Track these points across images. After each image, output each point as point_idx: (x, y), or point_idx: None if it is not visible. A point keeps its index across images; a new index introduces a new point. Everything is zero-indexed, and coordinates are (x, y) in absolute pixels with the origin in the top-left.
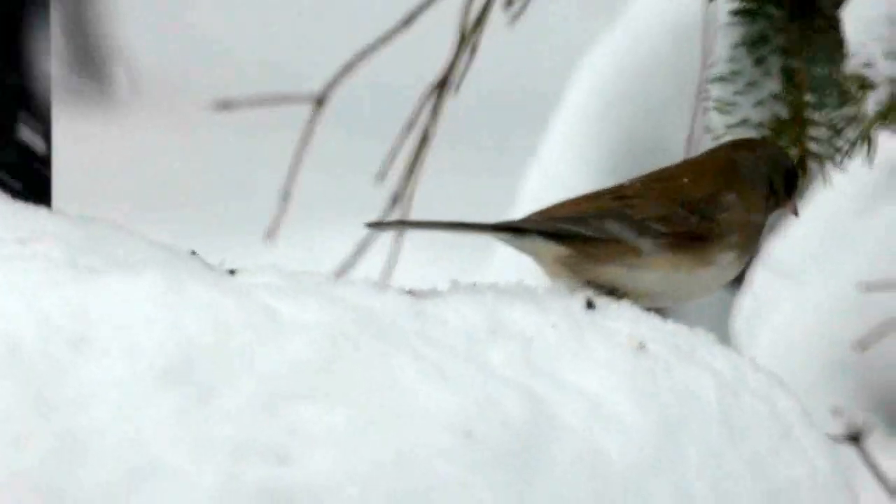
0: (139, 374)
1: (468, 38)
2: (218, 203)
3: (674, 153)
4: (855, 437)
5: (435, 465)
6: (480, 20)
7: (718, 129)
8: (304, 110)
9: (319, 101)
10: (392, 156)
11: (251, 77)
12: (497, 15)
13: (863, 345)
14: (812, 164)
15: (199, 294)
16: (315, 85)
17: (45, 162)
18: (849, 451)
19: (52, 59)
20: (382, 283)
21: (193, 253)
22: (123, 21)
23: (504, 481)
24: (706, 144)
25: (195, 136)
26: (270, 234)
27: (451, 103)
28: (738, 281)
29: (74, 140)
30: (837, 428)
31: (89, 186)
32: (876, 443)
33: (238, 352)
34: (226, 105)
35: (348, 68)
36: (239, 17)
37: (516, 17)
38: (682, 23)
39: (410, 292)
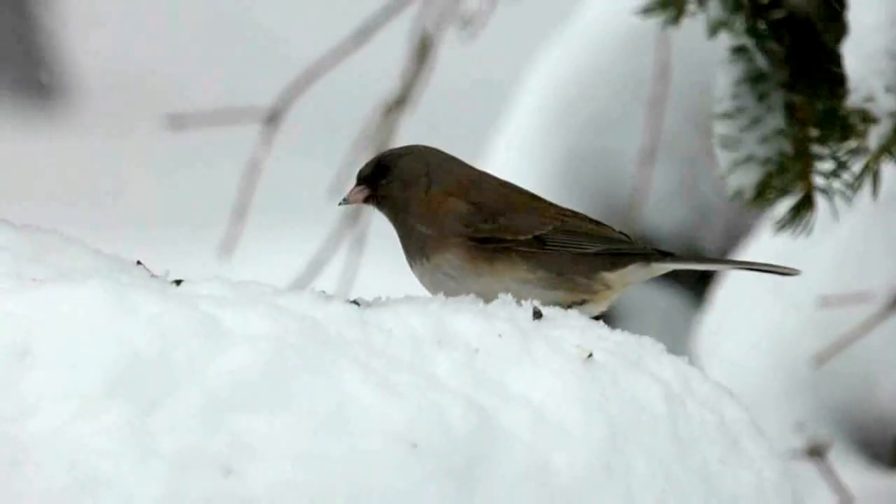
0: (83, 385)
1: (422, 61)
2: (170, 219)
3: (625, 161)
4: (816, 452)
5: (380, 476)
6: (432, 41)
7: (723, 166)
8: (258, 125)
9: (272, 119)
10: (346, 171)
11: (203, 90)
12: (448, 26)
13: (820, 359)
14: (817, 199)
15: (144, 304)
16: (269, 99)
17: None
18: (810, 467)
19: None
20: (327, 294)
21: (139, 263)
22: (71, 31)
23: (449, 492)
24: (661, 155)
25: (146, 150)
26: (225, 249)
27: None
28: (700, 297)
29: (18, 150)
30: (799, 443)
31: (32, 197)
32: (836, 458)
33: (182, 363)
34: (178, 121)
35: (300, 85)
36: (190, 29)
37: (470, 36)
38: (635, 31)
39: (355, 302)
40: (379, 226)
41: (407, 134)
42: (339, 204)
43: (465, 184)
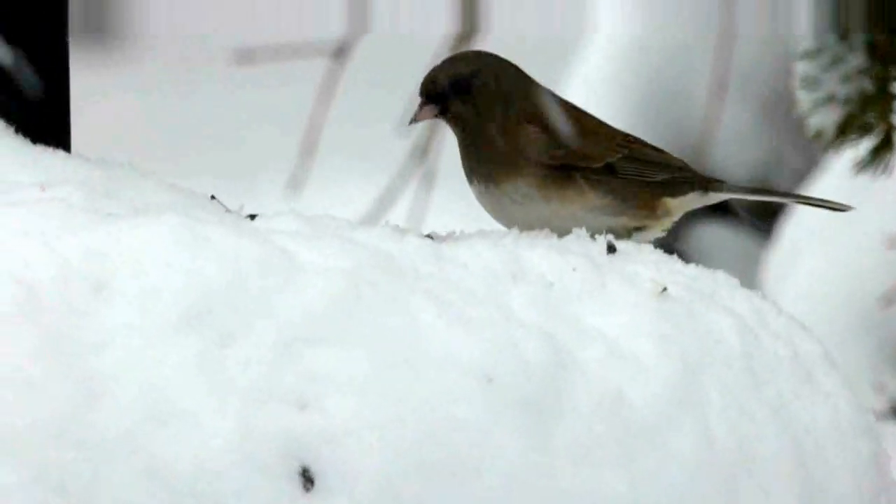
0: (158, 318)
1: None
2: (238, 155)
3: (699, 101)
4: (882, 389)
5: (456, 409)
6: None
7: (805, 106)
8: (325, 59)
9: (339, 53)
10: (413, 107)
11: (268, 25)
12: None
13: (889, 299)
14: None
15: (218, 238)
16: (336, 33)
17: (63, 105)
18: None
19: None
20: (401, 228)
21: (213, 198)
22: None
23: (525, 426)
24: (732, 90)
25: (213, 86)
26: (293, 185)
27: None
28: (767, 233)
29: (88, 88)
30: (880, 403)
31: (105, 136)
32: None
33: (257, 296)
34: (246, 57)
35: (369, 19)
36: None
37: None
38: None
39: (430, 236)
40: (448, 161)
41: None
42: (410, 123)
43: (540, 108)
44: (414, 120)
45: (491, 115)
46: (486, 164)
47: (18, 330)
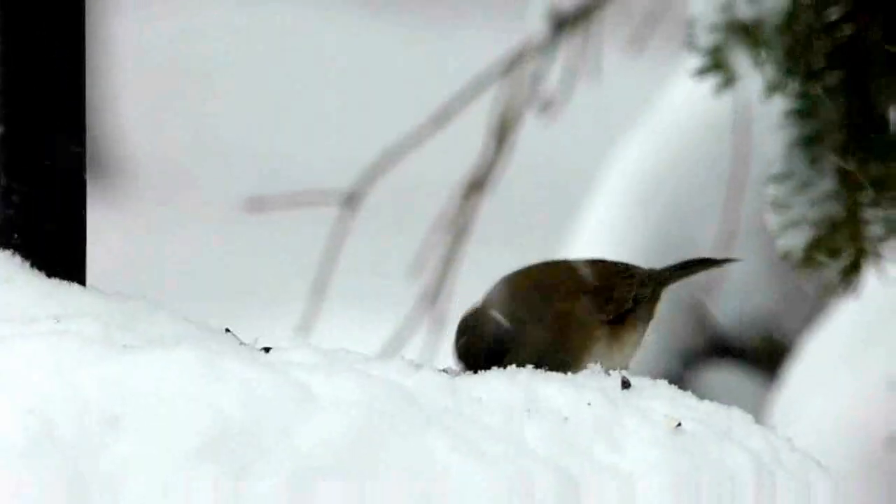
0: (174, 451)
1: (501, 143)
2: (246, 300)
3: (704, 247)
4: None
5: None
6: (512, 124)
7: (774, 228)
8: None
9: (350, 201)
10: (425, 252)
11: (272, 173)
12: (528, 108)
13: (893, 442)
14: (866, 262)
15: (234, 370)
16: (343, 181)
17: (79, 238)
18: None
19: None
20: (416, 362)
21: (227, 330)
22: (134, 109)
23: None
24: (742, 240)
25: (224, 232)
26: (303, 328)
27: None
28: (772, 377)
29: (94, 232)
30: None
31: (113, 274)
32: None
33: (273, 429)
34: (258, 204)
35: (379, 166)
36: (263, 112)
37: (550, 119)
38: (714, 117)
39: (445, 371)
40: (458, 307)
41: (486, 218)
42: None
43: (574, 280)
44: None
45: (539, 333)
46: (554, 363)
47: (33, 463)
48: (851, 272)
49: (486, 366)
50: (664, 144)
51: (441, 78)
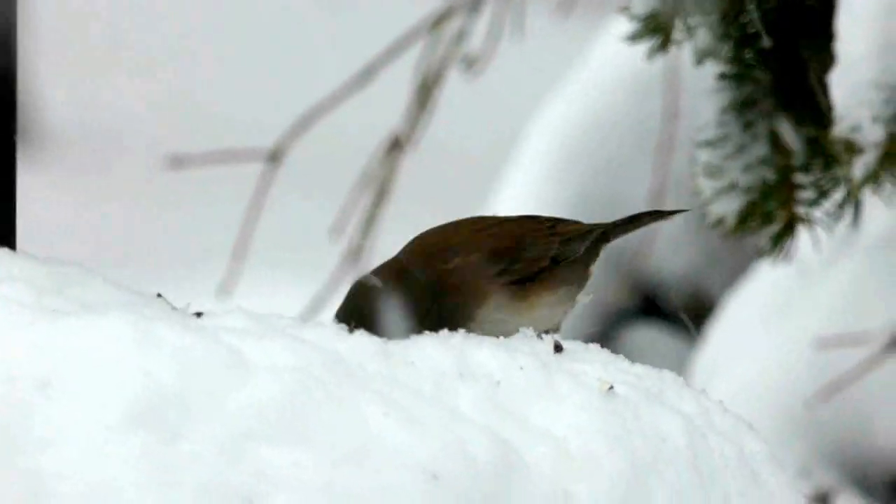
0: (104, 416)
1: (424, 102)
2: (169, 260)
3: (635, 205)
4: (822, 499)
5: None
6: (436, 82)
7: (706, 194)
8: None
9: (274, 158)
10: (347, 211)
11: (204, 133)
12: (452, 67)
13: (817, 401)
14: (799, 227)
15: (166, 336)
16: (269, 138)
17: (9, 203)
18: None
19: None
20: (349, 327)
21: (159, 296)
22: (56, 74)
23: None
24: (670, 199)
25: (146, 191)
26: (225, 289)
27: (405, 157)
28: (696, 333)
29: (24, 198)
30: (804, 490)
31: (40, 238)
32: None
33: (205, 394)
34: (180, 161)
35: (302, 124)
36: (185, 71)
37: (474, 77)
38: (641, 78)
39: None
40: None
41: (408, 175)
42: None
43: (474, 239)
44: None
45: (441, 287)
46: (454, 316)
47: None
48: (784, 237)
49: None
50: (591, 103)
51: (365, 35)
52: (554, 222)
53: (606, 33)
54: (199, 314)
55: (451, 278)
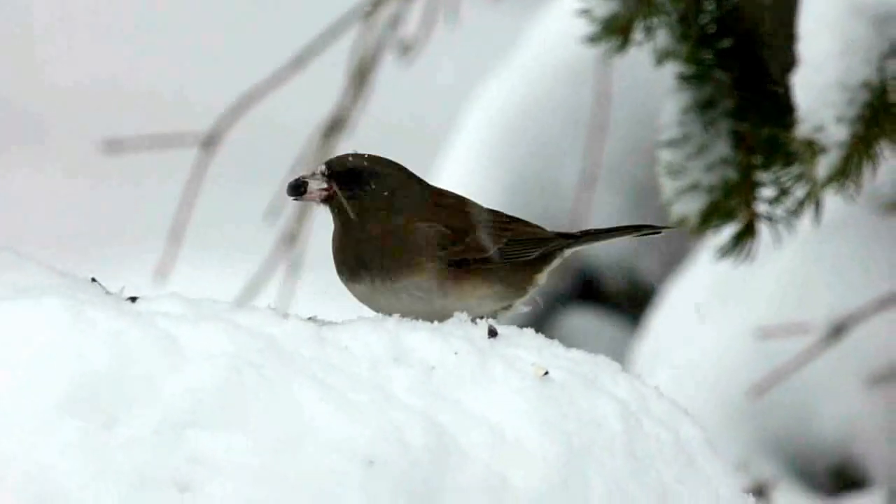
0: (41, 402)
1: (359, 87)
2: (103, 245)
3: (568, 190)
4: (760, 491)
5: (337, 493)
6: (371, 67)
7: (668, 194)
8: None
9: (208, 143)
10: (282, 196)
11: (138, 116)
12: (387, 52)
13: (758, 390)
14: (761, 225)
15: (101, 321)
16: (205, 123)
17: None
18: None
19: None
20: (283, 312)
21: (94, 280)
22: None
23: None
24: (602, 182)
25: (80, 175)
26: (160, 272)
27: (339, 143)
28: (636, 321)
29: None
30: (742, 481)
31: None
32: (780, 493)
33: (140, 380)
34: (115, 146)
35: (238, 108)
36: (119, 53)
37: (409, 62)
38: (576, 61)
39: (312, 319)
40: (316, 250)
41: None
42: (294, 198)
43: (434, 206)
44: (298, 193)
45: (387, 213)
46: (379, 259)
47: None
48: (746, 235)
49: (341, 176)
50: (526, 89)
51: (300, 20)
52: (512, 220)
53: (542, 19)
54: (133, 299)
55: (402, 231)
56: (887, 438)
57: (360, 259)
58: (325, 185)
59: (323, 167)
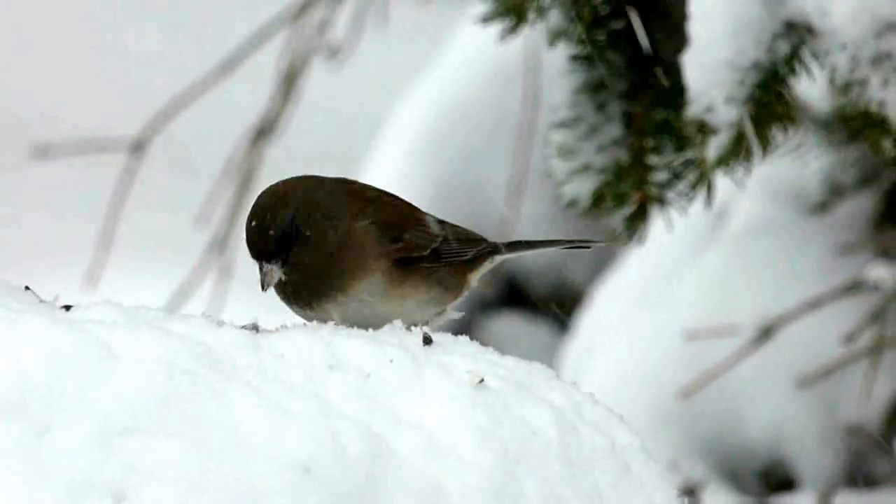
0: None
1: (288, 91)
2: (36, 253)
3: (496, 192)
4: (690, 492)
5: (273, 500)
6: (300, 71)
7: (560, 175)
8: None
9: (136, 148)
10: (212, 200)
11: (66, 122)
12: (316, 56)
13: (687, 392)
14: (652, 209)
15: (35, 329)
16: (129, 129)
17: None
18: None
19: None
20: (218, 318)
21: (27, 288)
22: None
23: None
24: (531, 185)
25: (8, 182)
26: (90, 279)
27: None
28: (564, 325)
29: None
30: (674, 482)
31: None
32: (708, 494)
33: (73, 388)
34: (43, 151)
35: (167, 114)
36: (43, 59)
37: (338, 66)
38: (503, 65)
39: (246, 327)
40: (246, 256)
41: (273, 164)
42: (264, 290)
43: (362, 204)
44: (267, 286)
45: (325, 240)
46: (329, 279)
47: None
48: (637, 219)
49: (275, 249)
50: (451, 91)
51: (227, 25)
52: (443, 220)
53: (469, 20)
54: (67, 307)
55: (349, 235)
56: (816, 440)
57: (307, 288)
58: (272, 268)
59: (259, 261)
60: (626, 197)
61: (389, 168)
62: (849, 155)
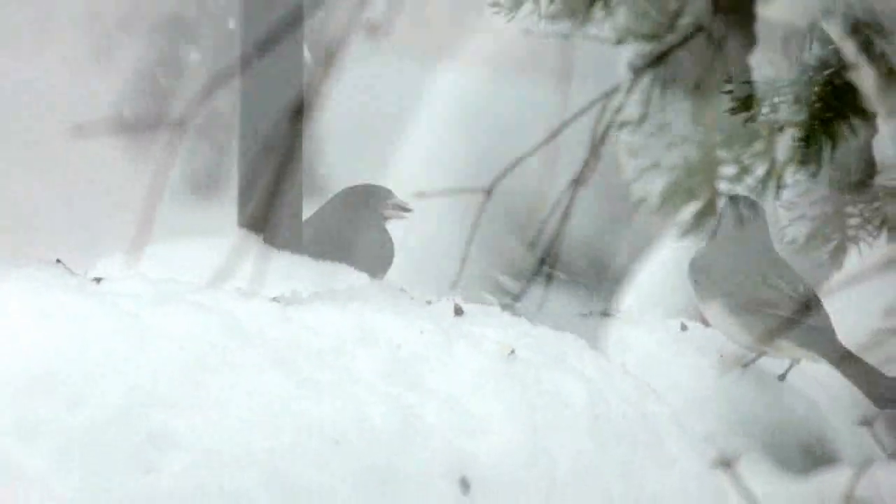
0: (7, 384)
1: (330, 63)
2: (76, 225)
3: (529, 167)
4: (727, 464)
5: (302, 472)
6: (339, 47)
7: (629, 173)
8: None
9: (182, 123)
10: (251, 177)
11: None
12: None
13: (728, 367)
14: (722, 203)
15: (65, 303)
16: (175, 106)
17: None
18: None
19: None
20: (247, 291)
21: (58, 262)
22: None
23: (370, 487)
24: (567, 162)
25: (47, 158)
26: (133, 253)
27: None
28: (600, 297)
29: None
30: (709, 454)
31: None
32: (745, 465)
33: (103, 360)
34: (84, 130)
35: (207, 92)
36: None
37: (377, 43)
38: (537, 43)
39: (277, 300)
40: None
41: (310, 142)
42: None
43: None
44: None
45: None
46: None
47: None
48: (706, 214)
49: None
50: (485, 72)
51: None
52: None
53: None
54: (98, 280)
55: None
56: (854, 417)
57: None
58: None
59: None
60: (696, 193)
61: (425, 139)
62: None
